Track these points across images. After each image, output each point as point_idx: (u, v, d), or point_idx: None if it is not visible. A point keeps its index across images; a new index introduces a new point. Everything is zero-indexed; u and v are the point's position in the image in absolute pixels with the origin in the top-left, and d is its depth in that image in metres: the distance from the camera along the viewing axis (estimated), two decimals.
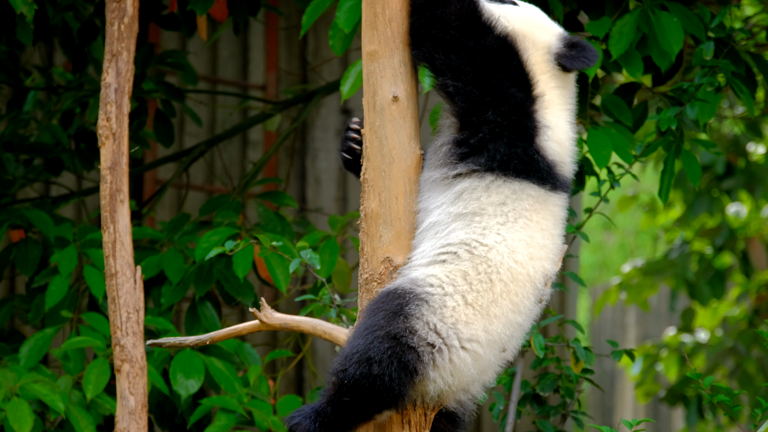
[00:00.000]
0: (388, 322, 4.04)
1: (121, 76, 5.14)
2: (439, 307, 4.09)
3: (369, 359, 4.01)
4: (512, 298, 4.16)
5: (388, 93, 4.17)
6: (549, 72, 4.28)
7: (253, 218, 7.88)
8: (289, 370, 8.53)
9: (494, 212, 4.17)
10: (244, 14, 6.44)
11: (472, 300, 4.12)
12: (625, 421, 4.45)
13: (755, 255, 9.95)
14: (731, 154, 9.72)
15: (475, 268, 4.14)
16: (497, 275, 4.14)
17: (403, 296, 4.09)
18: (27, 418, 5.35)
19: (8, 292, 7.90)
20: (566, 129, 4.31)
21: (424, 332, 4.06)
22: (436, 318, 4.08)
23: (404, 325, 4.05)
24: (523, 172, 4.18)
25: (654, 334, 13.52)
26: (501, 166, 4.17)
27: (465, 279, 4.13)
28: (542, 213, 4.22)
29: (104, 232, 5.08)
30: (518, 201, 4.18)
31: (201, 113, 8.40)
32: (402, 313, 4.06)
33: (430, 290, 4.10)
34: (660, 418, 13.00)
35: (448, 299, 4.10)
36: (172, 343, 4.38)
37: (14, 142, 6.55)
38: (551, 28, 4.36)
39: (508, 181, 4.18)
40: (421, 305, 4.08)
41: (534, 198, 4.20)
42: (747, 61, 5.51)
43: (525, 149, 4.18)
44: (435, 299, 4.09)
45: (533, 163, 4.19)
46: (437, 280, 4.12)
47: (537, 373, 5.64)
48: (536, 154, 4.20)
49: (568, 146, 4.31)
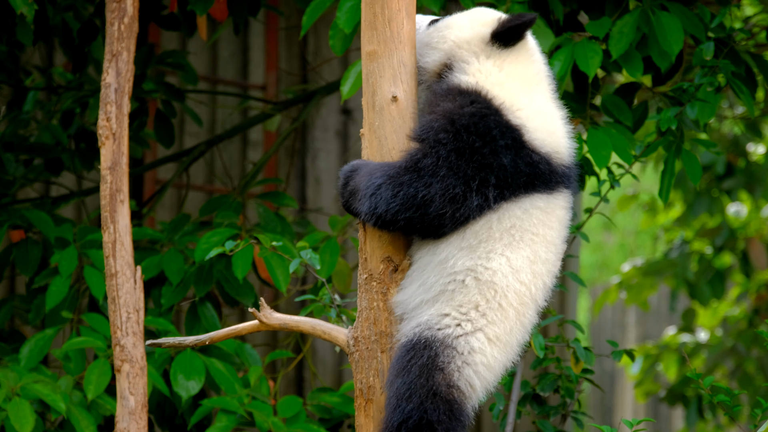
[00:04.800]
0: (428, 380, 4.00)
1: (121, 76, 5.14)
2: (468, 352, 4.03)
3: (430, 424, 3.99)
4: (522, 321, 4.10)
5: (388, 93, 4.17)
6: (495, 61, 4.16)
7: (253, 218, 7.88)
8: (290, 371, 8.53)
9: (500, 236, 4.06)
10: (244, 14, 6.45)
11: (492, 335, 4.06)
12: (626, 420, 4.45)
13: (755, 255, 9.95)
14: (731, 154, 9.73)
15: (484, 296, 4.05)
16: (506, 300, 4.06)
17: (430, 347, 4.03)
18: (28, 418, 5.35)
19: (8, 293, 7.90)
20: (543, 108, 4.14)
21: (465, 387, 4.03)
22: (471, 370, 4.04)
23: (445, 381, 4.01)
24: (528, 185, 4.06)
25: (654, 334, 13.52)
26: (507, 190, 4.05)
27: (478, 311, 4.06)
28: (548, 223, 4.12)
29: (104, 232, 5.08)
30: (527, 219, 4.07)
31: (201, 113, 8.41)
32: (436, 367, 4.01)
33: (449, 332, 4.03)
34: (660, 418, 13.00)
35: (473, 340, 4.04)
36: (172, 343, 4.38)
37: (14, 142, 6.55)
38: (485, 21, 4.22)
39: (518, 200, 4.06)
40: (451, 353, 4.02)
41: (541, 209, 4.09)
42: (747, 61, 5.52)
43: (515, 160, 4.04)
44: (460, 343, 4.04)
45: (533, 166, 4.06)
46: (452, 320, 4.05)
47: (537, 373, 5.64)
48: (530, 157, 4.06)
49: (553, 127, 4.14)
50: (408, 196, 3.99)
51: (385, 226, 4.06)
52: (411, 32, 4.21)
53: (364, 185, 4.06)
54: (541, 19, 5.35)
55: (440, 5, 5.39)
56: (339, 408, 5.85)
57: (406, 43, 4.18)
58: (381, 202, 4.01)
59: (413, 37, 4.21)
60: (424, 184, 4.00)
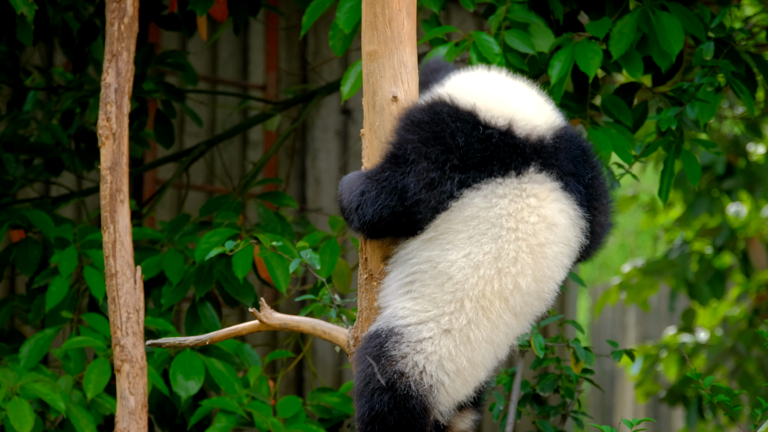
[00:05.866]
0: (374, 368, 3.96)
1: (121, 76, 5.14)
2: (416, 340, 3.97)
3: (380, 415, 3.96)
4: (489, 317, 3.97)
5: (388, 93, 4.17)
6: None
7: (253, 218, 7.88)
8: (290, 371, 8.53)
9: (462, 228, 3.93)
10: (244, 14, 6.45)
11: (446, 325, 3.97)
12: (626, 420, 4.44)
13: (755, 255, 9.95)
14: (731, 154, 9.73)
15: (441, 287, 3.96)
16: (462, 292, 3.95)
17: (379, 335, 3.99)
18: (27, 417, 5.36)
19: (8, 292, 7.90)
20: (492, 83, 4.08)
21: (412, 373, 3.97)
22: (421, 357, 3.96)
23: (391, 369, 3.97)
24: (483, 165, 3.91)
25: (654, 334, 13.52)
26: (465, 174, 3.93)
27: (433, 301, 3.97)
28: (519, 216, 3.95)
29: (104, 232, 5.08)
30: (490, 209, 3.93)
31: (201, 113, 8.41)
32: (383, 355, 3.97)
33: (400, 322, 3.97)
34: (660, 418, 13.00)
35: (423, 328, 3.97)
36: (172, 343, 4.38)
37: (14, 142, 6.55)
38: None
39: (479, 187, 3.92)
40: (399, 341, 3.97)
41: (508, 198, 3.94)
42: (747, 61, 5.52)
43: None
44: (408, 330, 3.97)
45: (485, 141, 3.90)
46: (407, 311, 3.99)
47: (537, 373, 5.64)
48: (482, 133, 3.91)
49: (508, 95, 4.04)
50: (389, 189, 3.98)
51: (375, 231, 4.03)
52: (411, 32, 4.21)
53: (347, 201, 4.06)
54: (541, 20, 5.35)
55: (440, 5, 5.39)
56: (339, 408, 5.85)
57: (406, 43, 4.18)
58: (367, 209, 4.00)
59: (414, 37, 4.22)
60: (402, 173, 3.98)
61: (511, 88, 4.09)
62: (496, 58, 5.19)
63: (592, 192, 4.07)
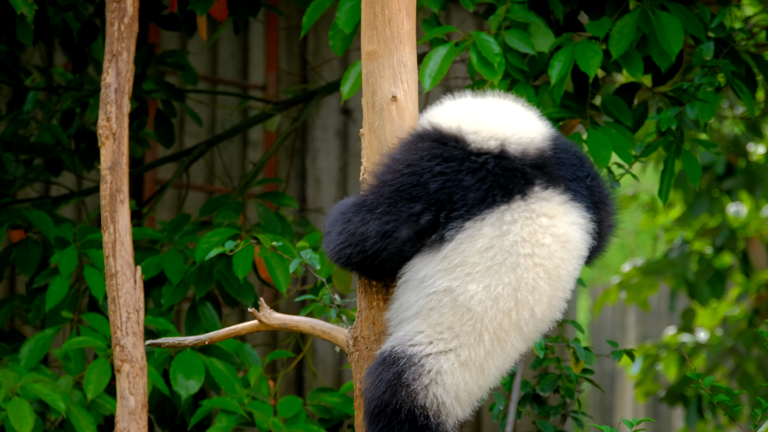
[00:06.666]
0: (393, 396, 3.95)
1: (121, 76, 5.14)
2: (436, 371, 3.94)
3: None
4: (504, 347, 3.96)
5: (388, 93, 4.17)
6: None
7: (253, 218, 7.88)
8: (290, 371, 8.53)
9: (478, 261, 3.86)
10: (244, 14, 6.45)
11: (465, 358, 3.94)
12: (626, 420, 4.44)
13: (755, 255, 9.96)
14: (731, 154, 9.73)
15: (460, 319, 3.91)
16: (482, 324, 3.90)
17: (397, 362, 3.96)
18: (28, 417, 5.35)
19: (8, 292, 7.91)
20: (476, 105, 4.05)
21: (431, 406, 3.96)
22: (441, 389, 3.95)
23: (411, 401, 3.95)
24: (484, 197, 3.86)
25: (654, 334, 13.52)
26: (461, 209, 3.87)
27: (452, 331, 3.94)
28: (533, 239, 3.89)
29: (104, 232, 5.08)
30: (503, 237, 3.87)
31: (201, 113, 8.41)
32: (403, 385, 3.95)
33: (419, 350, 3.94)
34: (660, 418, 13.00)
35: (443, 359, 3.94)
36: (171, 343, 4.38)
37: (14, 142, 6.55)
38: None
39: (483, 217, 3.86)
40: (419, 372, 3.94)
41: (519, 223, 3.89)
42: (747, 61, 5.52)
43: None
44: (429, 361, 3.94)
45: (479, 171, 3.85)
46: (425, 337, 3.95)
47: (537, 373, 5.64)
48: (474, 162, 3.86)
49: (494, 114, 3.98)
50: (348, 232, 3.95)
51: (347, 267, 4.03)
52: (411, 32, 4.21)
53: (324, 230, 4.08)
54: (541, 19, 5.35)
55: (440, 5, 5.39)
56: (339, 408, 5.85)
57: (406, 43, 4.18)
58: (330, 247, 4.01)
59: (413, 36, 4.22)
60: (361, 220, 3.94)
61: (492, 106, 4.03)
62: (496, 58, 5.19)
63: (596, 195, 4.03)
